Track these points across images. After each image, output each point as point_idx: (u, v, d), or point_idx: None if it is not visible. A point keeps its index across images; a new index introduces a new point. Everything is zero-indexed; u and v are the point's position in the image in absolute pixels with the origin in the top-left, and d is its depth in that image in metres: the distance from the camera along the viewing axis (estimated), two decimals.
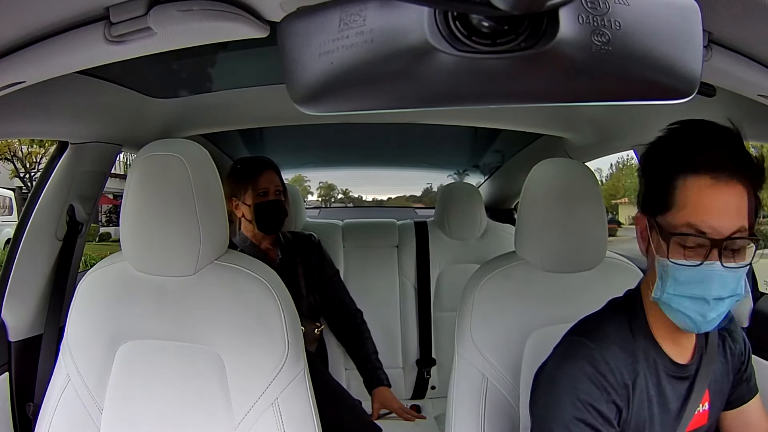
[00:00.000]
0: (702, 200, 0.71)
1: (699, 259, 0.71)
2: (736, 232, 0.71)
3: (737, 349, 0.87)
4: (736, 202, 0.71)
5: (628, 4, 0.41)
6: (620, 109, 1.38)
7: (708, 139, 0.74)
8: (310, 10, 0.43)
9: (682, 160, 0.73)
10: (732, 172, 0.71)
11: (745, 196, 0.72)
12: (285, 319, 0.94)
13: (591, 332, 0.80)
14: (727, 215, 0.71)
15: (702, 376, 0.81)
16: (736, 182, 0.71)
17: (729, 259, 0.71)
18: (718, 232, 0.70)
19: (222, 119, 1.70)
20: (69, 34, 0.63)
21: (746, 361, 0.89)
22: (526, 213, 1.08)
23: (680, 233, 0.72)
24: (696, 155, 0.72)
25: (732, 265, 0.71)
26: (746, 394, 0.89)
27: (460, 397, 1.03)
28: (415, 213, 3.11)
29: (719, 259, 0.70)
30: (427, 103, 0.43)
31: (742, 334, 0.90)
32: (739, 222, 0.71)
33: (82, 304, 1.00)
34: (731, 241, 0.71)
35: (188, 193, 0.92)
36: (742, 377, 0.88)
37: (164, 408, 0.94)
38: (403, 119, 1.76)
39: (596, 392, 0.75)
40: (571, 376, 0.77)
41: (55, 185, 1.32)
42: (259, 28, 0.64)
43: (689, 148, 0.74)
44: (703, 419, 0.83)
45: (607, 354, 0.77)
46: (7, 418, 1.23)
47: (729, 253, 0.71)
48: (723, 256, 0.70)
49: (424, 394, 2.05)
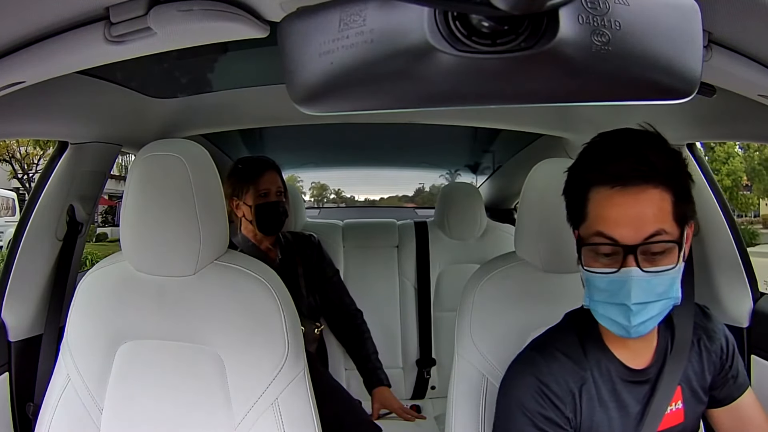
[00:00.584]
0: (609, 209, 0.72)
1: (616, 266, 0.72)
2: (652, 236, 0.71)
3: (715, 348, 0.87)
4: (650, 207, 0.71)
5: (628, 4, 0.41)
6: (620, 109, 1.38)
7: (618, 149, 0.75)
8: (310, 10, 0.43)
9: (592, 172, 0.75)
10: (641, 179, 0.71)
11: (664, 200, 0.72)
12: (285, 319, 0.94)
13: (541, 345, 0.85)
14: (638, 221, 0.71)
15: (668, 377, 0.82)
16: (651, 188, 0.72)
17: (649, 263, 0.71)
18: (631, 238, 0.71)
19: (222, 119, 1.70)
20: (69, 34, 0.63)
21: (730, 358, 0.88)
22: (526, 213, 1.08)
23: (591, 243, 0.74)
24: (604, 166, 0.74)
25: (653, 270, 0.71)
26: (735, 391, 0.88)
27: (460, 397, 1.03)
28: (414, 213, 3.11)
29: (636, 264, 0.71)
30: (427, 103, 0.43)
31: (722, 331, 0.89)
32: (655, 226, 0.71)
33: (82, 304, 1.00)
34: (647, 245, 0.71)
35: (188, 193, 0.92)
36: (727, 375, 0.87)
37: (164, 408, 0.94)
38: (403, 119, 1.76)
39: (542, 401, 0.79)
40: (519, 389, 0.81)
41: (55, 185, 1.32)
42: (259, 28, 0.64)
43: (599, 160, 0.75)
44: (679, 417, 0.84)
45: (553, 365, 0.81)
46: (7, 418, 1.23)
47: (649, 257, 0.72)
48: (641, 261, 0.71)
49: (424, 394, 2.05)
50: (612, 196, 0.72)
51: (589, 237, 0.74)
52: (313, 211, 3.14)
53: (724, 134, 1.42)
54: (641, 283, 0.71)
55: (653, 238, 0.71)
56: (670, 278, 0.73)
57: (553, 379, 0.80)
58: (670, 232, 0.72)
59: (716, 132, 1.30)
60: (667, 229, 0.72)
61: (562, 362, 0.81)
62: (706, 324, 0.88)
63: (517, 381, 0.82)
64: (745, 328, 1.31)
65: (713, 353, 0.87)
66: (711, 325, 0.89)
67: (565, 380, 0.80)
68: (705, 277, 1.36)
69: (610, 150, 0.76)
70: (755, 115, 1.01)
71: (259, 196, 1.60)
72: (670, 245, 0.72)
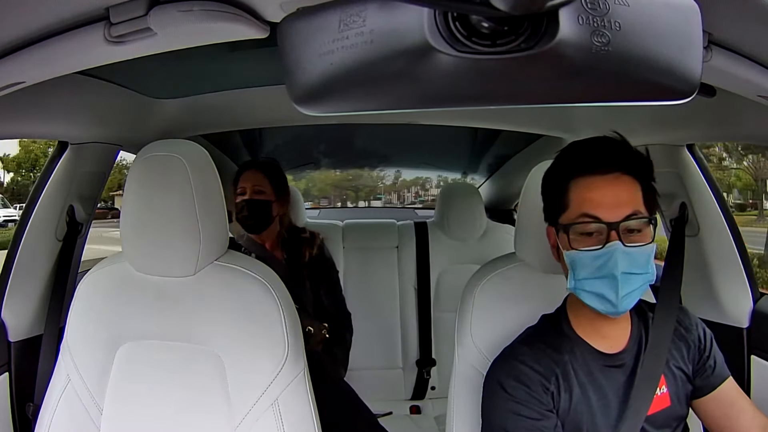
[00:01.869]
0: (592, 192, 0.82)
1: (600, 243, 0.80)
2: (630, 216, 0.81)
3: (692, 337, 0.93)
4: (626, 191, 0.82)
5: (628, 4, 0.41)
6: (619, 110, 1.38)
7: (593, 147, 0.85)
8: (310, 11, 0.43)
9: (571, 166, 0.85)
10: (616, 167, 0.82)
11: (635, 187, 0.83)
12: (285, 319, 0.94)
13: (521, 339, 0.93)
14: (617, 201, 0.81)
15: (649, 367, 0.87)
16: (625, 176, 0.82)
17: (629, 239, 0.80)
18: (612, 216, 0.80)
19: (222, 120, 1.70)
20: (69, 34, 0.63)
21: (707, 349, 0.93)
22: (526, 214, 1.08)
23: (579, 222, 0.82)
24: (582, 159, 0.85)
25: (633, 245, 0.80)
26: (715, 380, 0.92)
27: (460, 397, 1.03)
28: (414, 213, 3.11)
29: (619, 239, 0.79)
30: (427, 104, 0.43)
31: (697, 323, 0.95)
32: (631, 208, 0.81)
33: (82, 305, 1.00)
34: (627, 222, 0.80)
35: (188, 193, 0.92)
36: (705, 366, 0.92)
37: (164, 408, 0.94)
38: (403, 120, 1.76)
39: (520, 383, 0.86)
40: (501, 370, 0.88)
41: (55, 185, 1.32)
42: (259, 28, 0.64)
43: (578, 156, 0.86)
44: (665, 401, 0.89)
45: (534, 351, 0.88)
46: (6, 418, 1.23)
47: (626, 235, 0.81)
48: (622, 237, 0.80)
49: (424, 394, 2.05)
50: (593, 181, 0.82)
51: (575, 219, 0.82)
52: (313, 211, 3.14)
53: (724, 135, 1.42)
54: (624, 255, 0.79)
55: (631, 217, 0.81)
56: (646, 254, 0.81)
57: (533, 363, 0.87)
58: (644, 213, 0.82)
59: (716, 133, 1.30)
60: (641, 211, 0.82)
61: (542, 349, 0.88)
62: (681, 317, 0.95)
63: (499, 365, 0.90)
64: (745, 328, 1.31)
65: (691, 342, 0.93)
66: (687, 318, 0.96)
67: (545, 364, 0.87)
68: (705, 277, 1.36)
69: (586, 148, 0.86)
70: (755, 115, 1.01)
71: (237, 194, 1.63)
72: (645, 224, 0.82)
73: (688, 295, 1.34)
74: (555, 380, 0.86)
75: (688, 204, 1.36)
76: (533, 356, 0.87)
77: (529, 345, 0.90)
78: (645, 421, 0.86)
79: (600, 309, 0.82)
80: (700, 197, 1.36)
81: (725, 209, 1.36)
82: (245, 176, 1.64)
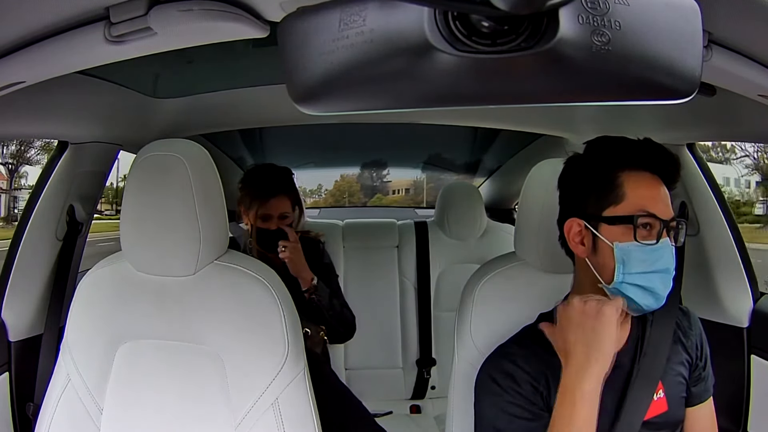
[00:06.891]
0: (651, 190, 0.84)
1: (654, 239, 0.82)
2: (674, 217, 0.84)
3: (691, 344, 0.93)
4: (666, 194, 0.85)
5: (628, 4, 0.41)
6: (620, 109, 1.38)
7: (643, 145, 0.86)
8: (310, 10, 0.43)
9: (623, 158, 0.85)
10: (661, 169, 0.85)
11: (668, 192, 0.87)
12: (285, 319, 0.94)
13: (514, 337, 0.93)
14: (666, 202, 0.84)
15: (646, 370, 0.87)
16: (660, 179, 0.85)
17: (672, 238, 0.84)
18: (665, 214, 0.83)
19: (222, 119, 1.70)
20: (69, 34, 0.63)
21: (703, 358, 0.93)
22: (526, 213, 1.08)
23: (642, 214, 0.82)
24: (638, 155, 0.85)
25: (675, 244, 0.84)
26: (703, 393, 0.92)
27: (460, 397, 1.03)
28: (414, 213, 3.11)
29: (669, 236, 0.83)
30: (427, 103, 0.43)
31: (698, 328, 0.96)
32: (671, 210, 0.84)
33: (82, 304, 1.00)
34: (674, 222, 0.84)
35: (188, 193, 0.92)
36: (700, 375, 0.92)
37: (164, 408, 0.94)
38: (403, 119, 1.76)
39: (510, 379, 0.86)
40: (492, 367, 0.89)
41: (55, 185, 1.32)
42: (259, 28, 0.64)
43: (631, 152, 0.86)
44: (662, 406, 0.88)
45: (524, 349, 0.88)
46: (7, 418, 1.23)
47: (673, 233, 0.84)
48: (670, 235, 0.83)
49: (424, 394, 2.05)
50: (646, 177, 0.84)
51: (636, 212, 0.83)
52: (313, 211, 3.14)
53: (724, 134, 1.42)
54: (672, 253, 0.83)
55: (675, 218, 0.84)
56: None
57: (523, 363, 0.87)
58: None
59: (716, 132, 1.30)
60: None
61: (533, 349, 0.88)
62: (681, 320, 0.95)
63: (491, 361, 0.90)
64: (745, 328, 1.31)
65: (690, 347, 0.93)
66: (686, 320, 0.95)
67: (534, 364, 0.86)
68: (705, 277, 1.36)
69: (637, 145, 0.86)
70: (755, 115, 1.01)
71: (260, 218, 1.56)
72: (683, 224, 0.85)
73: (688, 295, 1.35)
74: (545, 381, 0.85)
75: (688, 203, 1.36)
76: (523, 356, 0.87)
77: (521, 344, 0.89)
78: (642, 426, 0.85)
79: (642, 304, 0.82)
80: (700, 197, 1.36)
81: (725, 209, 1.36)
82: (272, 204, 1.56)
